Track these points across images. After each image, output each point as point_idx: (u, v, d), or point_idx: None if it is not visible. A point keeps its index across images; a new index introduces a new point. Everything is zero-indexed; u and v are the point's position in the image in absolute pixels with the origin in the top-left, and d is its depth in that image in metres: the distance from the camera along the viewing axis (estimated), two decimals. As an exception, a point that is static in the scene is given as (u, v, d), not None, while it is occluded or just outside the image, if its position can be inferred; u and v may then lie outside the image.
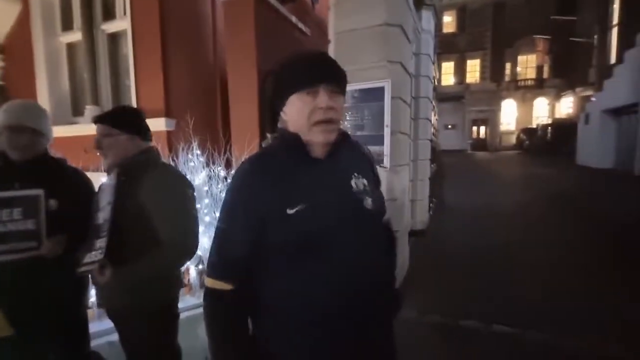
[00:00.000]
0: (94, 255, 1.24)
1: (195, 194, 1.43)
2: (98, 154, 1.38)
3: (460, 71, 25.45)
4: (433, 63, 5.04)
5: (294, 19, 3.88)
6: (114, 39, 4.26)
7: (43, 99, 4.39)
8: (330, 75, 0.80)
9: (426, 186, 4.79)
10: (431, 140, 5.10)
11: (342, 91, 0.84)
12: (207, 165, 2.97)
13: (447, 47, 23.22)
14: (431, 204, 5.42)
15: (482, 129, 25.11)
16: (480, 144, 23.92)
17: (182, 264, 1.44)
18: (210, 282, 0.82)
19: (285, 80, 0.82)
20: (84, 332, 1.63)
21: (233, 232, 0.82)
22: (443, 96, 20.57)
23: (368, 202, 0.84)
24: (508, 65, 24.42)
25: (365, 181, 0.87)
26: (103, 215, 1.31)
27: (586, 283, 3.10)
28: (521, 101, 24.20)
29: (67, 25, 4.41)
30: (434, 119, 5.94)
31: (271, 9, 3.54)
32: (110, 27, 4.15)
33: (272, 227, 0.77)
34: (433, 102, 5.47)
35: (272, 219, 0.77)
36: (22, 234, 1.30)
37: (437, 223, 5.15)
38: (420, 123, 4.51)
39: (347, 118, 2.77)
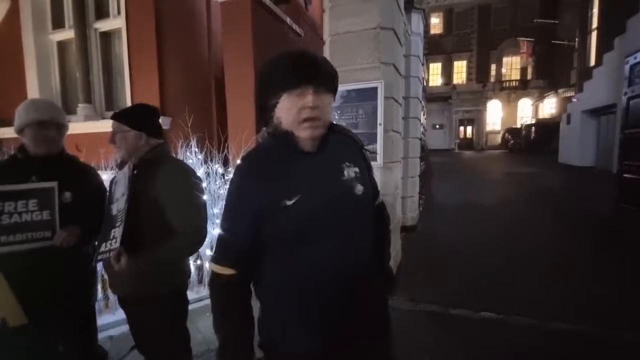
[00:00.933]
0: (110, 244, 1.31)
1: (202, 185, 1.51)
2: (114, 148, 1.47)
3: (448, 72, 25.95)
4: (422, 64, 5.20)
5: (288, 19, 3.96)
6: (107, 37, 4.26)
7: (33, 97, 4.35)
8: (316, 76, 0.84)
9: (416, 183, 4.94)
10: (421, 139, 5.26)
11: (329, 89, 0.88)
12: (205, 162, 3.03)
13: (434, 48, 23.65)
14: (421, 201, 5.58)
15: (469, 128, 25.68)
16: (466, 144, 24.47)
17: (194, 252, 1.52)
18: (214, 268, 0.91)
19: (275, 81, 0.86)
20: (92, 323, 1.68)
21: (234, 227, 0.89)
22: (431, 96, 20.95)
23: (359, 188, 0.90)
24: (493, 67, 25.04)
25: (356, 169, 0.92)
26: (117, 206, 1.38)
27: (565, 271, 3.30)
28: (506, 102, 24.84)
29: (58, 24, 4.38)
30: (423, 118, 6.11)
31: (267, 10, 3.62)
32: (103, 25, 4.15)
33: (271, 218, 0.84)
34: (422, 102, 5.63)
35: (270, 211, 0.83)
36: (37, 224, 1.37)
37: (427, 219, 5.31)
38: (410, 122, 4.65)
39: (343, 116, 2.87)
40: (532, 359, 2.11)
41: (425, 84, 7.56)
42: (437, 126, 25.13)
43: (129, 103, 3.89)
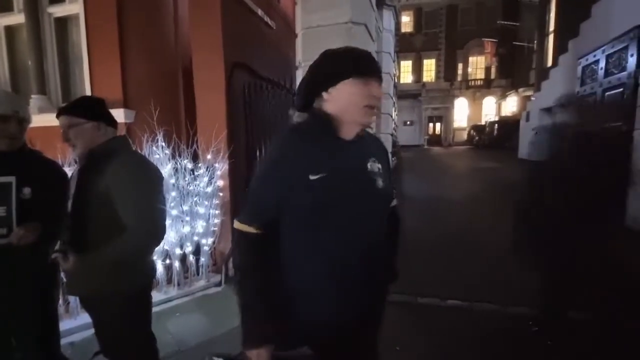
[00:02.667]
0: (60, 243, 1.24)
1: (163, 181, 1.43)
2: (68, 145, 1.36)
3: (418, 70, 26.65)
4: (394, 61, 5.30)
5: (259, 11, 3.88)
6: (63, 23, 3.96)
7: (-18, 87, 3.98)
8: (379, 73, 0.97)
9: (388, 178, 5.07)
10: (392, 135, 5.38)
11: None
12: (173, 157, 2.91)
13: (405, 46, 24.15)
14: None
15: (437, 125, 26.59)
16: (435, 140, 25.32)
17: (148, 250, 1.44)
18: (240, 226, 0.97)
19: (342, 65, 0.93)
20: (53, 329, 1.58)
21: (264, 189, 0.97)
22: (402, 93, 21.43)
23: (379, 182, 0.97)
24: (460, 66, 26.02)
25: (379, 166, 1.00)
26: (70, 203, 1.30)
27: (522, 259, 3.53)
28: (472, 100, 25.94)
29: (6, 7, 4.01)
30: (394, 114, 6.24)
31: (237, 1, 3.52)
32: (58, 10, 3.85)
33: (297, 190, 0.91)
34: (394, 99, 5.75)
35: (297, 183, 0.90)
36: None
37: (400, 210, 5.46)
38: (382, 118, 4.74)
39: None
40: (495, 341, 2.23)
41: (396, 80, 7.71)
42: (408, 122, 25.76)
43: (89, 94, 3.65)
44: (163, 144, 2.89)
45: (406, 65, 26.43)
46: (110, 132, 1.41)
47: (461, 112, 26.33)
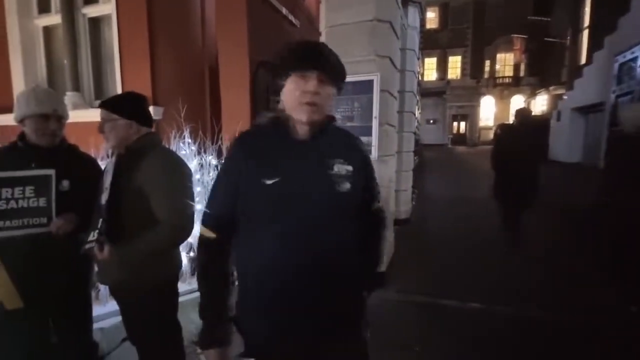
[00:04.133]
0: (95, 234, 1.29)
1: (192, 177, 1.49)
2: (103, 137, 1.43)
3: (443, 67, 25.98)
4: (418, 59, 5.19)
5: (284, 10, 3.90)
6: (96, 23, 4.13)
7: (18, 84, 4.21)
8: (322, 65, 0.88)
9: (410, 177, 4.98)
10: (415, 133, 5.28)
11: (333, 82, 0.91)
12: (199, 153, 2.99)
13: (430, 42, 23.59)
14: (414, 194, 5.63)
15: (462, 124, 25.86)
16: (460, 139, 24.65)
17: (178, 243, 1.49)
18: (201, 229, 0.96)
19: (285, 63, 0.90)
20: (87, 314, 1.66)
21: (218, 193, 0.96)
22: (425, 91, 20.99)
23: (344, 186, 0.90)
24: (487, 63, 25.15)
25: (349, 167, 0.92)
26: (105, 196, 1.36)
27: (552, 261, 3.39)
28: (499, 98, 25.04)
29: (44, 8, 4.23)
30: (417, 113, 6.13)
31: (263, 0, 3.55)
32: (92, 11, 4.02)
33: (248, 194, 0.89)
34: (417, 97, 5.65)
35: (249, 187, 0.88)
36: (33, 210, 1.36)
37: (420, 212, 5.37)
38: (405, 116, 4.65)
39: (338, 109, 2.86)
40: (515, 345, 2.18)
41: (420, 78, 7.56)
42: (431, 121, 25.23)
43: (119, 91, 3.80)
44: (189, 140, 2.96)
45: (430, 63, 25.84)
46: (143, 130, 1.46)
47: (487, 111, 25.48)
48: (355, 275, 0.98)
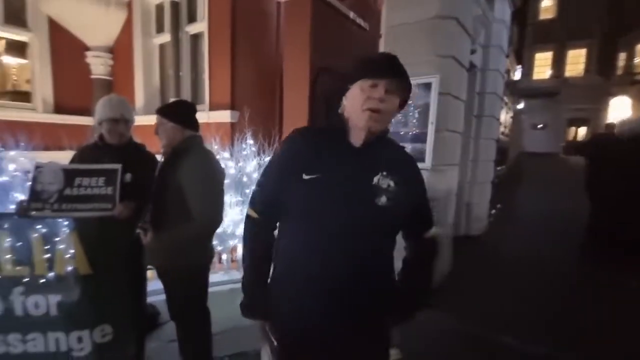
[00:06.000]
0: (144, 220, 1.53)
1: (224, 177, 1.66)
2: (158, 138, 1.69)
3: (559, 63, 22.17)
4: (507, 56, 4.57)
5: (351, 14, 3.91)
6: (195, 39, 4.83)
7: (139, 93, 5.21)
8: (391, 75, 0.90)
9: (487, 190, 4.43)
10: (498, 140, 4.67)
11: (399, 94, 0.92)
12: (258, 154, 3.23)
13: (542, 36, 20.48)
14: (494, 210, 4.98)
15: (581, 130, 21.64)
16: (577, 147, 20.68)
17: (206, 236, 1.66)
18: (248, 209, 1.06)
19: (356, 69, 0.94)
20: (143, 287, 1.96)
21: (266, 181, 1.03)
22: (532, 91, 18.30)
23: (382, 199, 0.90)
24: (622, 56, 20.47)
25: (391, 183, 0.92)
26: (153, 188, 1.60)
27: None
28: (637, 99, 20.14)
29: (160, 28, 5.14)
30: (506, 116, 5.41)
31: (328, 6, 3.63)
32: (193, 28, 4.71)
33: (289, 187, 0.93)
34: (504, 99, 4.99)
35: (290, 180, 0.93)
36: (101, 197, 1.67)
37: (497, 230, 4.71)
38: (484, 121, 4.16)
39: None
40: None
41: (513, 77, 6.64)
42: (539, 126, 21.82)
43: (207, 98, 4.37)
44: (251, 141, 3.22)
45: (543, 58, 22.33)
46: (187, 133, 1.68)
47: (618, 114, 20.76)
48: (383, 296, 0.97)
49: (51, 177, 1.63)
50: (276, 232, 1.05)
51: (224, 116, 4.01)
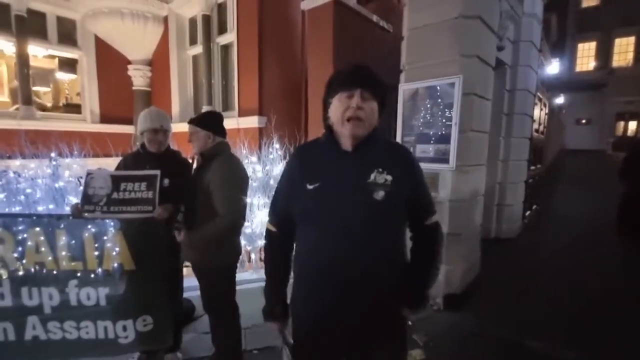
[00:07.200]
0: (177, 222, 1.68)
1: (248, 180, 1.81)
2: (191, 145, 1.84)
3: (604, 53, 20.55)
4: (539, 50, 4.38)
5: (374, 18, 3.94)
6: (226, 49, 5.07)
7: (175, 102, 5.55)
8: (365, 82, 0.99)
9: (519, 190, 4.25)
10: (531, 138, 4.47)
11: (376, 97, 1.01)
12: (284, 158, 3.34)
13: (586, 25, 19.13)
14: (529, 211, 4.77)
15: (632, 124, 19.90)
16: (627, 143, 19.04)
17: (231, 232, 1.76)
18: (267, 224, 1.18)
19: (332, 85, 1.04)
20: (179, 282, 2.12)
21: (279, 194, 1.15)
22: (575, 85, 17.12)
23: (379, 194, 0.96)
24: (680, 42, 18.61)
25: (389, 177, 0.98)
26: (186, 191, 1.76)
27: None
28: (699, 88, 18.21)
29: (193, 41, 5.45)
30: (540, 112, 5.16)
31: (352, 12, 3.69)
32: (223, 39, 4.96)
33: (297, 197, 1.03)
34: (539, 96, 4.77)
35: (297, 191, 1.03)
36: (143, 200, 1.82)
37: (532, 233, 4.50)
38: (515, 119, 4.01)
39: (415, 115, 2.74)
40: None
41: (546, 70, 6.32)
42: (583, 121, 20.36)
43: (236, 105, 4.58)
44: (277, 146, 3.34)
45: (586, 49, 20.81)
46: (217, 140, 1.82)
47: (677, 106, 18.85)
48: (392, 284, 1.02)
49: (101, 182, 1.82)
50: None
51: (252, 122, 4.19)
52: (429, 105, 2.67)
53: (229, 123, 4.40)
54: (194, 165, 1.87)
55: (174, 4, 5.32)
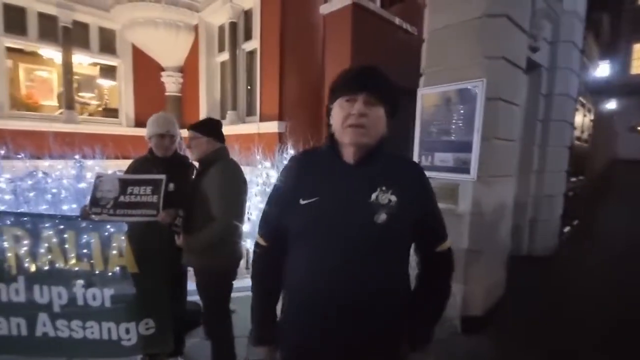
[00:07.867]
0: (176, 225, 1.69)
1: (246, 185, 1.80)
2: (190, 151, 1.85)
3: (666, 53, 18.63)
4: (582, 51, 4.00)
5: (397, 20, 3.80)
6: (251, 55, 5.16)
7: (202, 107, 5.73)
8: (369, 85, 0.86)
9: (557, 204, 3.88)
10: (572, 147, 4.08)
11: (382, 103, 0.88)
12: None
13: (644, 22, 17.43)
14: (568, 227, 4.35)
15: (699, 132, 17.77)
16: (692, 154, 17.04)
17: (226, 236, 1.72)
18: (256, 237, 1.07)
19: (334, 87, 0.93)
20: (184, 282, 2.13)
21: (270, 207, 1.03)
22: (630, 88, 15.64)
23: (381, 217, 0.85)
24: None
25: (393, 197, 0.86)
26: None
27: None
28: None
29: (221, 48, 5.61)
30: (584, 119, 4.73)
31: (372, 16, 3.59)
32: (248, 46, 5.06)
33: (289, 212, 0.93)
34: (581, 100, 4.36)
35: (291, 205, 0.92)
36: (148, 204, 1.84)
37: (572, 251, 4.07)
38: (552, 126, 3.67)
39: (434, 122, 2.58)
40: None
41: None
42: (639, 128, 18.51)
43: (258, 110, 4.63)
44: (292, 151, 3.30)
45: (644, 49, 18.98)
46: (217, 145, 1.81)
47: None
48: (389, 318, 0.91)
49: (109, 185, 1.86)
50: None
51: (272, 127, 4.20)
52: (449, 111, 2.50)
53: (250, 128, 4.50)
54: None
55: (204, 13, 5.52)
